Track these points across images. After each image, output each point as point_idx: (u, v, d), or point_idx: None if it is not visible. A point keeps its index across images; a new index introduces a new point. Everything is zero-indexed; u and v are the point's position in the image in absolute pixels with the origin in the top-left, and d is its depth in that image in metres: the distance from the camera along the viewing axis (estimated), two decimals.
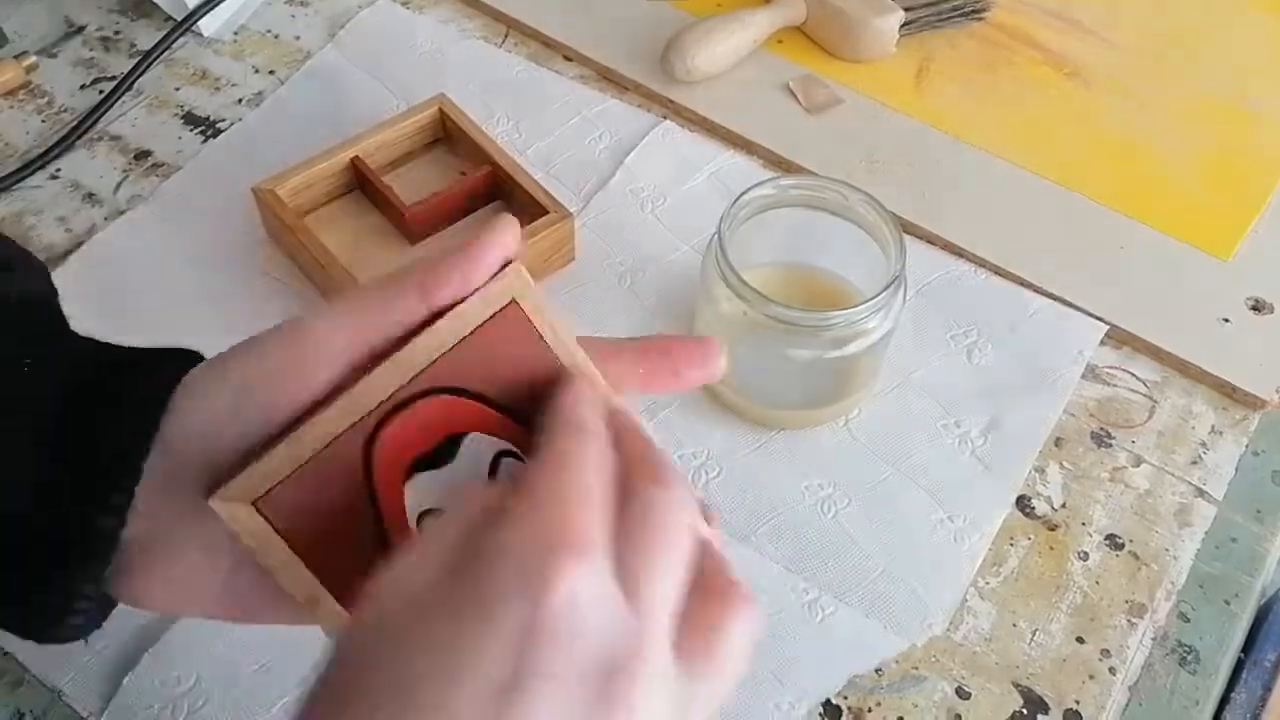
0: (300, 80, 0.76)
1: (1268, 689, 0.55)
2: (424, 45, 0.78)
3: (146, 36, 0.78)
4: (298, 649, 0.53)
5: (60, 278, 0.65)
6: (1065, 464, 0.60)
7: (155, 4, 0.79)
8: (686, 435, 0.60)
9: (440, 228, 0.67)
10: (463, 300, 0.36)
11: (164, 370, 0.36)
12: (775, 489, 0.58)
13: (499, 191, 0.68)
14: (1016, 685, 0.53)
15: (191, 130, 0.73)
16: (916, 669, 0.53)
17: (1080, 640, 0.54)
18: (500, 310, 0.36)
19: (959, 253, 0.67)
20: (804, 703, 0.52)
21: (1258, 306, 0.65)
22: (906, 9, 0.76)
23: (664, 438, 0.59)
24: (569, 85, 0.76)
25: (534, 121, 0.73)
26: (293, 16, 0.80)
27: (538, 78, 0.76)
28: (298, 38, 0.79)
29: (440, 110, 0.69)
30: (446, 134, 0.70)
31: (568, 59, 0.78)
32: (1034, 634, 0.54)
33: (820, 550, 0.56)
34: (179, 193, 0.70)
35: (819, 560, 0.56)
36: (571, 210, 0.64)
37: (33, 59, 0.76)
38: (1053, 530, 0.58)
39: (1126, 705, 0.53)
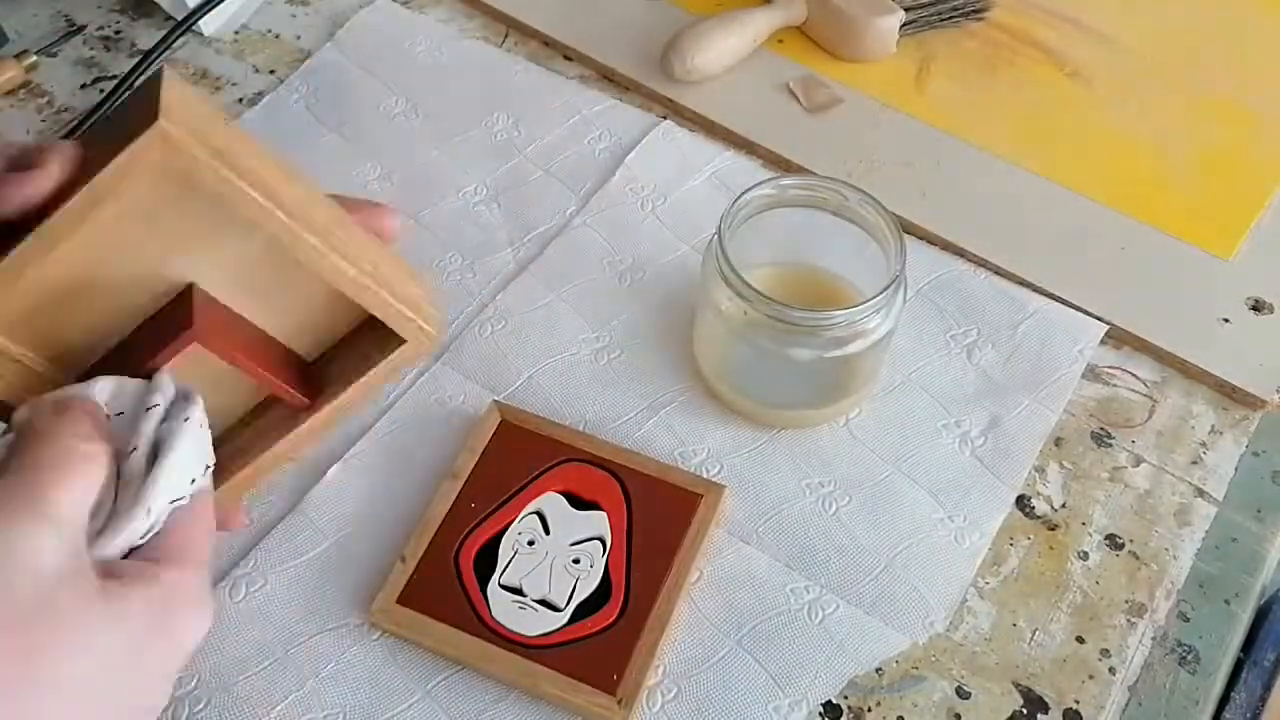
0: (300, 80, 0.76)
1: (1268, 689, 0.55)
2: (424, 45, 0.78)
3: (147, 36, 0.78)
4: (298, 653, 0.53)
5: None
6: (1065, 464, 0.60)
7: (156, 3, 0.79)
8: (687, 434, 0.60)
9: None
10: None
11: None
12: (775, 488, 0.58)
13: None
14: (1016, 685, 0.53)
15: None
16: (916, 669, 0.53)
17: (1080, 640, 0.54)
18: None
19: (959, 253, 0.67)
20: (804, 704, 0.52)
21: (1258, 306, 0.65)
22: (907, 9, 0.76)
23: (664, 436, 0.60)
24: (569, 85, 0.76)
25: (534, 121, 0.73)
26: (293, 16, 0.80)
27: (537, 77, 0.76)
28: (298, 37, 0.79)
29: None
30: None
31: (568, 59, 0.78)
32: (1034, 634, 0.54)
33: (821, 549, 0.56)
34: None
35: (820, 559, 0.56)
36: (571, 209, 0.63)
37: (33, 58, 0.76)
38: (1053, 530, 0.58)
39: (1126, 705, 0.53)
